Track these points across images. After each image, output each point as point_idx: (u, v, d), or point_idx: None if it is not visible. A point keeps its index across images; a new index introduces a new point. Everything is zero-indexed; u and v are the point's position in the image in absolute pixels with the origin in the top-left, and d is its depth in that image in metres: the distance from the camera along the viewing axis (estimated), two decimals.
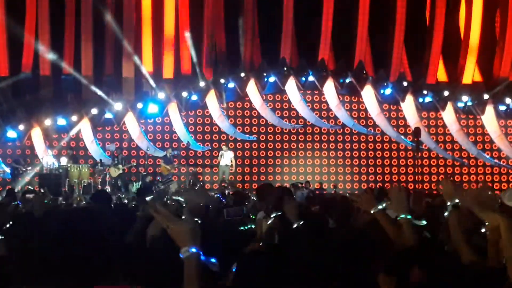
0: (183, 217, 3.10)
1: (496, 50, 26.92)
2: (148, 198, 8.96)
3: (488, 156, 26.22)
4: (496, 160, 26.26)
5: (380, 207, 4.35)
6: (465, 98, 25.94)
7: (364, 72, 25.49)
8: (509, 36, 26.37)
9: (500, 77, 26.55)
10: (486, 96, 25.99)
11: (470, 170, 26.15)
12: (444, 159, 26.05)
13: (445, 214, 4.00)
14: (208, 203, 6.29)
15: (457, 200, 3.92)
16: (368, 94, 25.70)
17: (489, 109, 26.14)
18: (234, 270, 3.57)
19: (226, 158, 22.67)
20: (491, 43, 26.79)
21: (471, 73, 26.50)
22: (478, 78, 26.78)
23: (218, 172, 22.89)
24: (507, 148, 26.19)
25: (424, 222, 4.78)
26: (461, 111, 26.16)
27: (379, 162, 25.59)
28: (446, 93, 25.84)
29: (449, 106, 26.06)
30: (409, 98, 25.85)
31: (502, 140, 26.20)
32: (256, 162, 25.00)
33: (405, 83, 25.73)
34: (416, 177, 24.41)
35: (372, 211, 4.38)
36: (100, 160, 22.65)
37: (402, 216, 4.11)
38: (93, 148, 23.85)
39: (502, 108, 26.27)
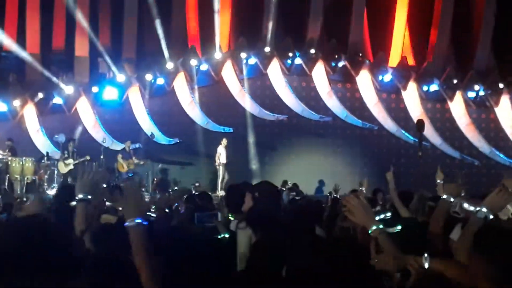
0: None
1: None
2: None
3: (502, 155, 26.22)
4: None
5: (380, 225, 3.98)
6: (476, 87, 26.03)
7: (360, 54, 25.48)
8: None
9: None
10: (501, 85, 26.08)
11: (482, 171, 25.94)
12: (452, 157, 25.95)
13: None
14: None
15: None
16: (364, 80, 25.64)
17: (505, 100, 26.24)
18: None
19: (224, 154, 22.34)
20: (507, 23, 26.25)
21: (484, 59, 26.44)
22: (491, 64, 26.82)
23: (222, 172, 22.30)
24: None
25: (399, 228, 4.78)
26: (471, 102, 26.22)
27: (376, 160, 25.18)
28: (455, 81, 25.89)
29: (458, 96, 26.08)
30: (412, 85, 25.90)
31: None
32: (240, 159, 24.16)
33: (407, 69, 25.79)
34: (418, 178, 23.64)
35: (370, 232, 3.99)
36: (47, 153, 22.28)
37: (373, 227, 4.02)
38: (39, 139, 23.55)
39: None
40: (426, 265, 3.48)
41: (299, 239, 5.22)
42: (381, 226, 4.03)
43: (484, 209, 3.96)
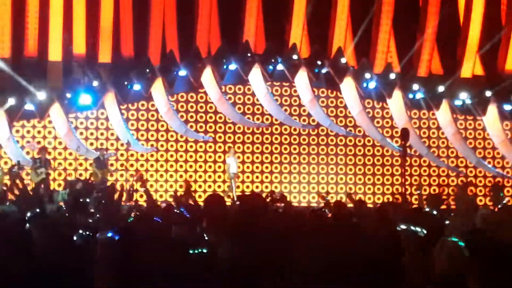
0: None
1: (501, 39, 26.87)
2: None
3: (489, 165, 26.17)
4: (498, 170, 26.21)
5: None
6: (463, 95, 25.91)
7: (344, 61, 25.27)
8: None
9: (505, 71, 26.68)
10: (488, 94, 25.95)
11: (468, 181, 25.93)
12: (437, 167, 26.04)
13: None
14: None
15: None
16: (348, 87, 25.50)
17: (492, 109, 26.11)
18: None
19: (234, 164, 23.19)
20: (495, 30, 26.71)
21: (471, 66, 26.48)
22: (479, 71, 26.82)
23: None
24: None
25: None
26: (458, 111, 26.15)
27: (359, 170, 25.36)
28: (441, 88, 25.79)
29: (444, 104, 25.99)
30: (397, 93, 25.72)
31: (506, 145, 26.22)
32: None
33: (392, 76, 25.59)
34: (403, 188, 23.45)
35: None
36: (18, 162, 21.87)
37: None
38: (9, 147, 23.28)
39: (507, 107, 26.24)
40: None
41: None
42: None
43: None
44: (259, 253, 5.29)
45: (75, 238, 5.28)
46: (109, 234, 3.74)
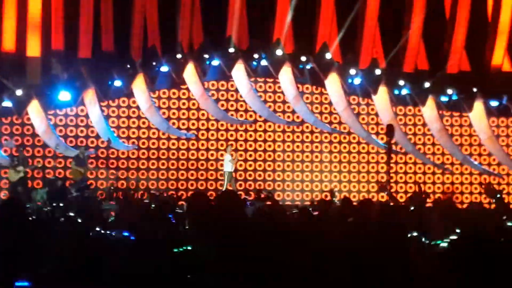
0: None
1: (488, 33, 26.97)
2: None
3: (476, 162, 26.29)
4: (485, 167, 26.32)
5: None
6: (449, 91, 25.94)
7: (329, 56, 25.28)
8: (503, 17, 26.58)
9: (491, 66, 26.82)
10: (474, 89, 26.05)
11: (454, 179, 26.16)
12: (424, 164, 26.05)
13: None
14: None
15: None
16: (333, 83, 25.47)
17: (478, 105, 26.18)
18: None
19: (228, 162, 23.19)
20: (481, 24, 26.85)
21: (457, 62, 26.62)
22: (465, 67, 26.91)
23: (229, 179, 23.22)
24: (498, 153, 26.31)
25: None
26: (444, 107, 26.17)
27: (344, 167, 25.40)
28: (427, 84, 25.84)
29: (430, 101, 26.00)
30: (383, 89, 25.74)
31: (493, 142, 26.26)
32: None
33: (378, 71, 25.65)
34: (389, 186, 23.85)
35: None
36: None
37: None
38: None
39: (494, 104, 26.30)
40: None
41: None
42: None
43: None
44: (238, 250, 5.31)
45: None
46: (125, 234, 3.76)
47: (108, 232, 7.48)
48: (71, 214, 8.65)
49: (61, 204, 17.96)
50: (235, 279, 4.84)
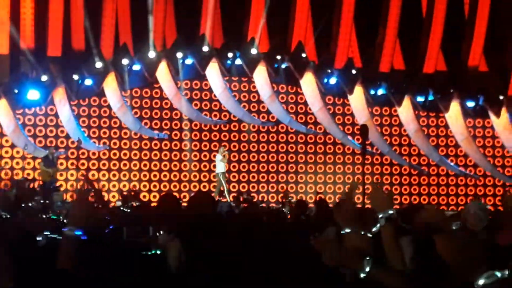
0: None
1: (464, 33, 27.16)
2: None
3: (452, 164, 26.47)
4: (461, 169, 26.53)
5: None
6: (426, 91, 26.16)
7: (304, 55, 25.30)
8: (480, 17, 26.60)
9: (468, 66, 26.94)
10: (451, 90, 26.18)
11: (430, 180, 26.30)
12: (399, 165, 26.20)
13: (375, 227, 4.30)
14: None
15: (390, 212, 4.20)
16: (308, 83, 25.55)
17: (455, 106, 26.34)
18: None
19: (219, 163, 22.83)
20: (458, 24, 27.10)
21: (434, 61, 26.71)
22: (442, 67, 27.05)
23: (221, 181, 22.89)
24: (475, 154, 26.52)
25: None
26: (420, 107, 26.33)
27: (320, 168, 25.38)
28: (403, 84, 26.08)
29: (407, 101, 26.15)
30: (358, 89, 25.90)
31: (469, 143, 26.45)
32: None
33: (353, 71, 25.78)
34: (364, 188, 23.58)
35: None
36: None
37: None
38: None
39: (470, 104, 26.48)
40: (367, 269, 3.55)
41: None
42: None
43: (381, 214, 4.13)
44: (209, 253, 5.26)
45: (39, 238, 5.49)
46: (78, 233, 3.94)
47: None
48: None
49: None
50: (204, 280, 4.85)
